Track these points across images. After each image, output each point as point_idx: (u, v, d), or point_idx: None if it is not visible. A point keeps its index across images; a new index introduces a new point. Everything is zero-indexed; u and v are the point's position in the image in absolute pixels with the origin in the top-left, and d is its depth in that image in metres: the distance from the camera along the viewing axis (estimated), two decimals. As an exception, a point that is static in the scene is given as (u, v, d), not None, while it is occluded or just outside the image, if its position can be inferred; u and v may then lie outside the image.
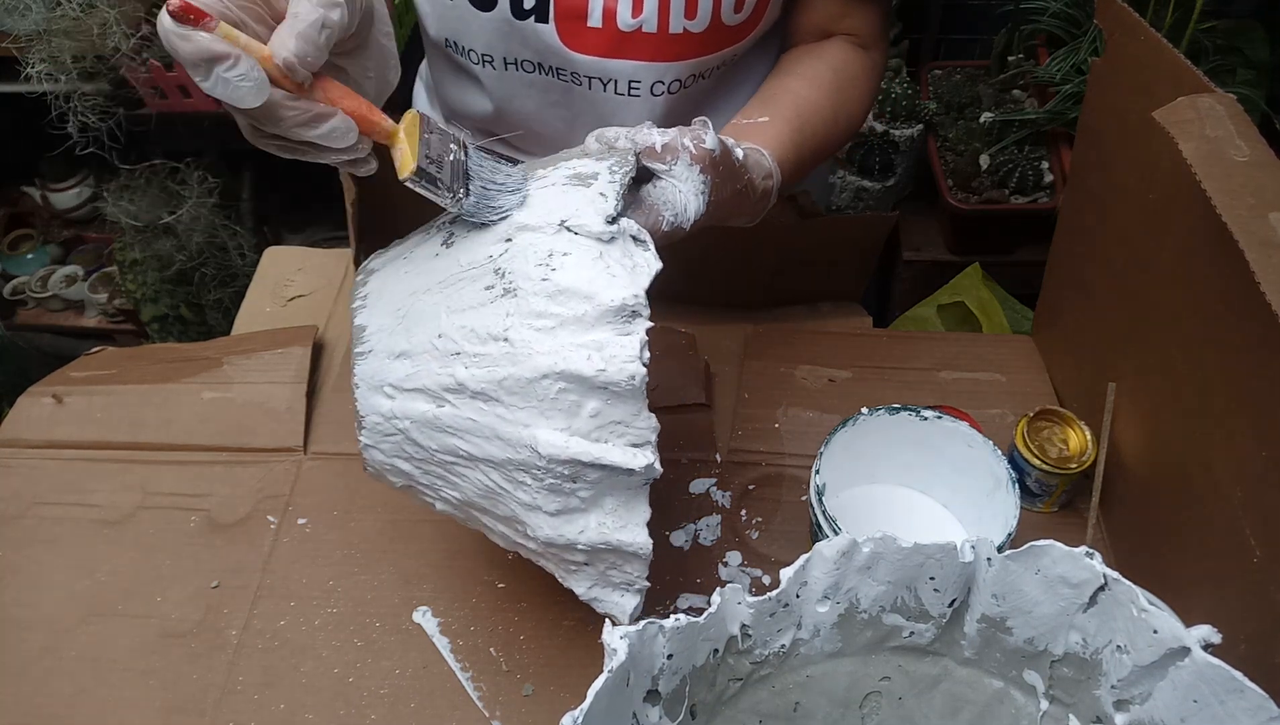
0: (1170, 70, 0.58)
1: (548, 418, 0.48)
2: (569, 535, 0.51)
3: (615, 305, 0.48)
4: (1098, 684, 0.46)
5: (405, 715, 0.64)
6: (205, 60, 0.42)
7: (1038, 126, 1.42)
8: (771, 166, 0.64)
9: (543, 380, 0.48)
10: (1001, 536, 0.61)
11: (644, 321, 0.48)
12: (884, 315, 1.51)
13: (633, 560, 0.52)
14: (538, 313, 0.48)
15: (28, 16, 1.34)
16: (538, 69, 0.74)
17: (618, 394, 0.48)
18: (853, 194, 1.57)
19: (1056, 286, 0.83)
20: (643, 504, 0.51)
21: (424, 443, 0.53)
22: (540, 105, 0.77)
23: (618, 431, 0.49)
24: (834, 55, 0.74)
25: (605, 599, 0.54)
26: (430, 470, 0.55)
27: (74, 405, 0.85)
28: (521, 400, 0.49)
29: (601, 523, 0.51)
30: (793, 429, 0.80)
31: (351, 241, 0.88)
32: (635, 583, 0.54)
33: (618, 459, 0.48)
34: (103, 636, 0.69)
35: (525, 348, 0.48)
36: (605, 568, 0.53)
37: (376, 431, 0.54)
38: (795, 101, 0.70)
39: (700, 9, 0.68)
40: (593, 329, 0.48)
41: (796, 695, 0.51)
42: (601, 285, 0.48)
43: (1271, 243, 0.47)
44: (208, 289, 1.66)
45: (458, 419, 0.51)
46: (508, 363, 0.48)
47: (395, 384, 0.52)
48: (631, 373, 0.47)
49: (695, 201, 0.55)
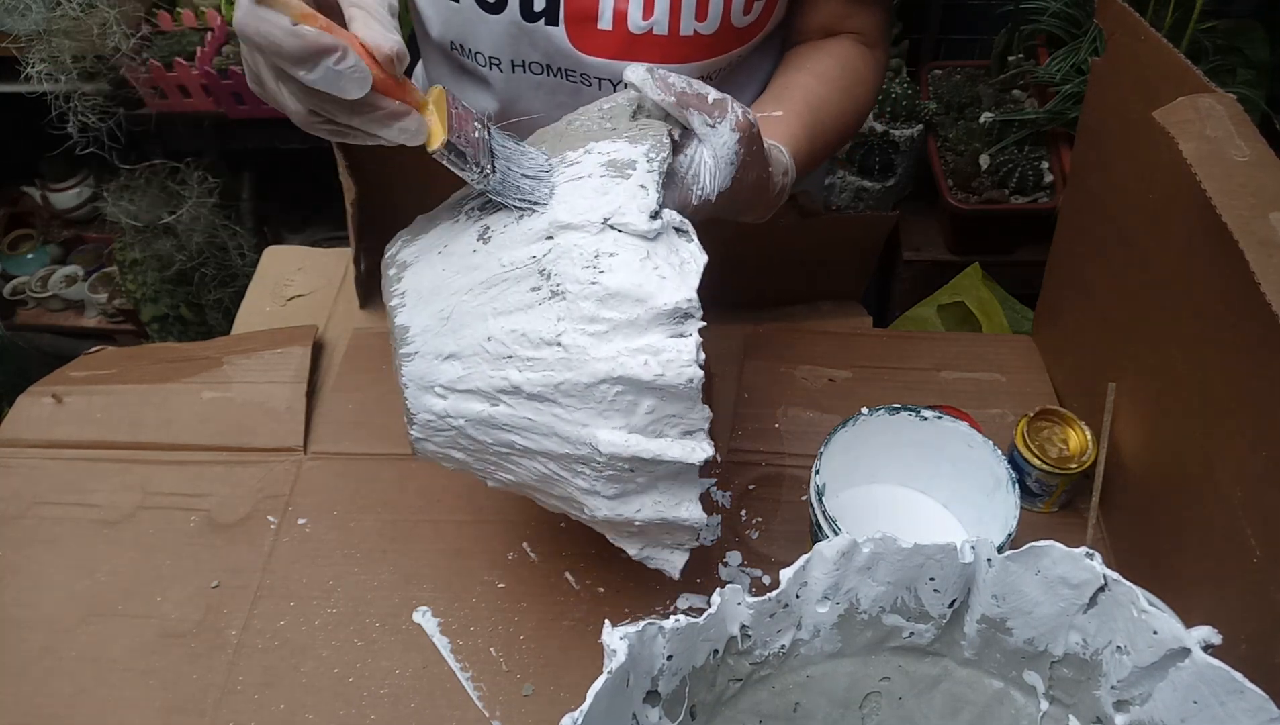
0: (1170, 70, 0.58)
1: (606, 418, 0.49)
2: (626, 514, 0.53)
3: (668, 308, 0.48)
4: (1098, 684, 0.46)
5: (405, 715, 0.64)
6: (314, 54, 0.41)
7: (1038, 126, 1.42)
8: (788, 164, 0.64)
9: (600, 385, 0.48)
10: (1001, 537, 0.61)
11: (696, 322, 0.49)
12: (884, 315, 1.51)
13: (684, 532, 0.54)
14: (589, 317, 0.48)
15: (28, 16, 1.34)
16: (546, 70, 0.74)
17: (674, 394, 0.49)
18: (853, 194, 1.57)
19: (1056, 286, 0.83)
20: (695, 482, 0.53)
21: (479, 438, 0.53)
22: (548, 105, 0.77)
23: (672, 423, 0.50)
24: (841, 52, 0.74)
25: (656, 557, 0.57)
26: (484, 459, 0.55)
27: (74, 405, 0.85)
28: (579, 402, 0.49)
29: (658, 502, 0.53)
30: (793, 429, 0.80)
31: (351, 241, 0.88)
32: (686, 543, 0.56)
33: (677, 454, 0.50)
34: (103, 636, 0.69)
35: (580, 354, 0.49)
36: (659, 533, 0.55)
37: (429, 427, 0.55)
38: (806, 96, 0.70)
39: (711, 11, 0.68)
40: (646, 333, 0.48)
41: (796, 696, 0.51)
42: (653, 288, 0.48)
43: (1271, 242, 0.47)
44: (208, 289, 1.66)
45: (514, 418, 0.51)
46: (563, 368, 0.49)
47: (446, 385, 0.53)
48: (690, 377, 0.48)
49: (725, 171, 0.54)
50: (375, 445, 0.80)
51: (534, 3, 0.68)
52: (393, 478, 0.77)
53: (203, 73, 1.47)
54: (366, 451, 0.79)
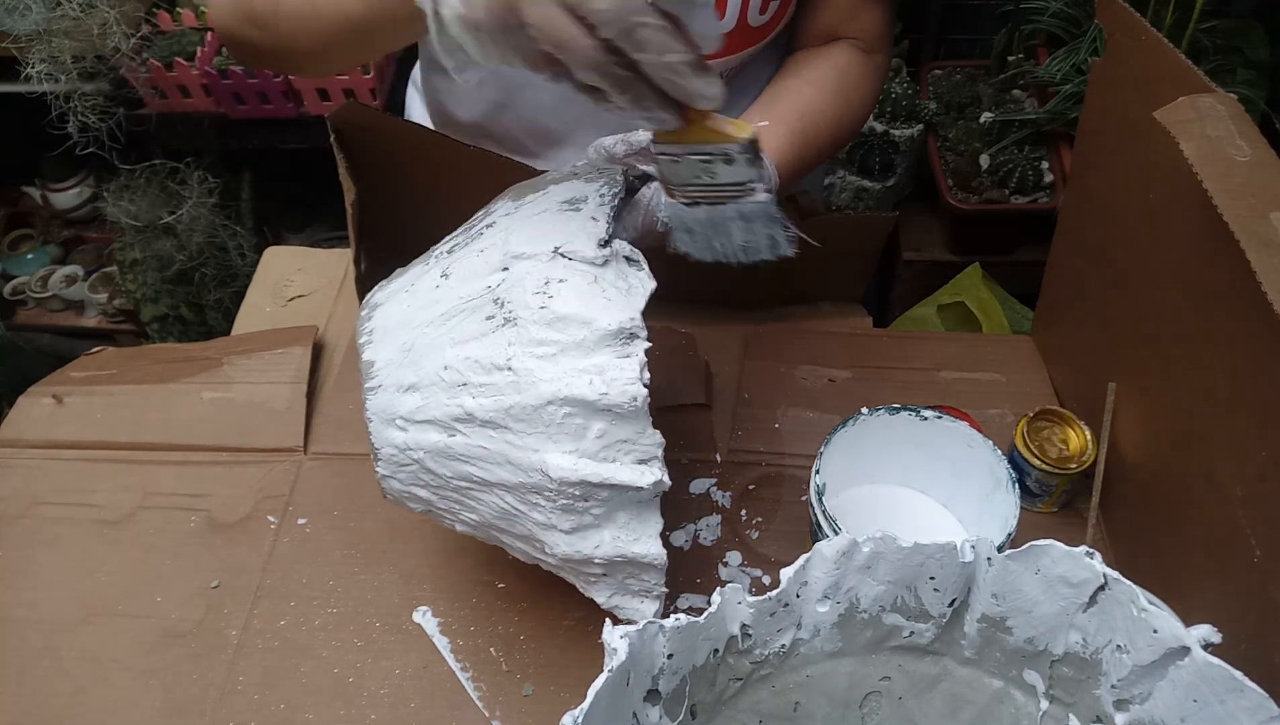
0: (1171, 70, 0.58)
1: (555, 442, 0.50)
2: (585, 551, 0.53)
3: (613, 329, 0.49)
4: (1098, 684, 0.46)
5: (405, 715, 0.64)
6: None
7: (1038, 126, 1.42)
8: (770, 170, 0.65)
9: (548, 406, 0.49)
10: (1001, 536, 0.61)
11: (642, 342, 0.49)
12: (884, 315, 1.51)
13: (649, 571, 0.54)
14: (538, 341, 0.50)
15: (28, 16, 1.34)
16: None
17: (621, 415, 0.49)
18: (853, 194, 1.57)
19: (1056, 286, 0.83)
20: (654, 516, 0.53)
21: (439, 471, 0.54)
22: (556, 100, 0.77)
23: (624, 449, 0.50)
24: (838, 58, 0.74)
25: (626, 606, 0.56)
26: (447, 496, 0.56)
27: (74, 405, 0.85)
28: (529, 426, 0.50)
29: (616, 537, 0.52)
30: (793, 429, 0.80)
31: (351, 241, 0.88)
32: (653, 589, 0.56)
33: (626, 478, 0.50)
34: (103, 636, 0.69)
35: (529, 376, 0.49)
36: (624, 577, 0.55)
37: (392, 462, 0.56)
38: (798, 104, 0.70)
39: (729, 10, 0.69)
40: (592, 353, 0.49)
41: (797, 695, 0.51)
42: (598, 310, 0.49)
43: (1272, 242, 0.47)
44: (208, 289, 1.66)
45: (469, 447, 0.52)
46: (513, 391, 0.50)
47: (406, 416, 0.54)
48: (633, 394, 0.49)
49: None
50: (375, 445, 0.80)
51: None
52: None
53: (203, 73, 1.47)
54: (367, 452, 0.78)
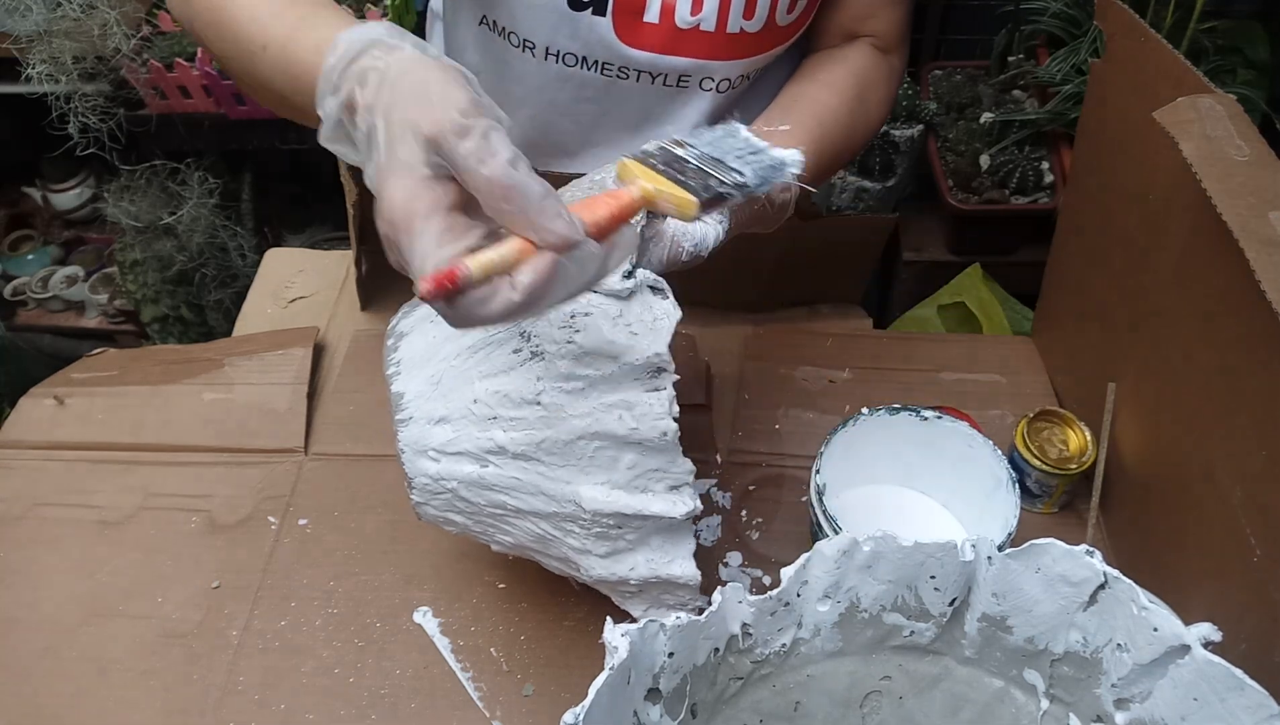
0: (1170, 71, 0.58)
1: (588, 474, 0.51)
2: (620, 573, 0.54)
3: (640, 363, 0.50)
4: (1098, 683, 0.46)
5: (406, 715, 0.64)
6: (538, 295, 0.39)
7: (1038, 127, 1.42)
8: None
9: (579, 441, 0.50)
10: (1001, 536, 0.61)
11: (669, 376, 0.50)
12: (884, 316, 1.51)
13: (683, 590, 0.55)
14: (566, 375, 0.50)
15: (28, 17, 1.34)
16: (581, 63, 0.73)
17: (652, 448, 0.50)
18: (853, 194, 1.57)
19: (1056, 287, 0.83)
20: (687, 538, 0.54)
21: (473, 499, 0.55)
22: (571, 99, 0.76)
23: (656, 477, 0.51)
24: (855, 60, 0.74)
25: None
26: (482, 521, 0.57)
27: (75, 407, 0.85)
28: (561, 459, 0.51)
29: (650, 559, 0.54)
30: (793, 430, 0.80)
31: (353, 243, 0.88)
32: (688, 603, 0.57)
33: (659, 509, 0.51)
34: (104, 637, 0.69)
35: (558, 411, 0.50)
36: (659, 593, 0.56)
37: (426, 491, 0.56)
38: (815, 109, 0.70)
39: (759, 9, 0.69)
40: (620, 388, 0.50)
41: (797, 694, 0.51)
42: (625, 345, 0.50)
43: (1271, 242, 0.47)
44: (208, 290, 1.66)
45: (502, 478, 0.53)
46: (543, 426, 0.51)
47: (439, 448, 0.54)
48: (663, 430, 0.49)
49: (714, 231, 0.54)
50: (376, 446, 0.80)
51: None
52: (393, 478, 0.77)
53: (203, 73, 1.47)
54: (367, 452, 0.79)
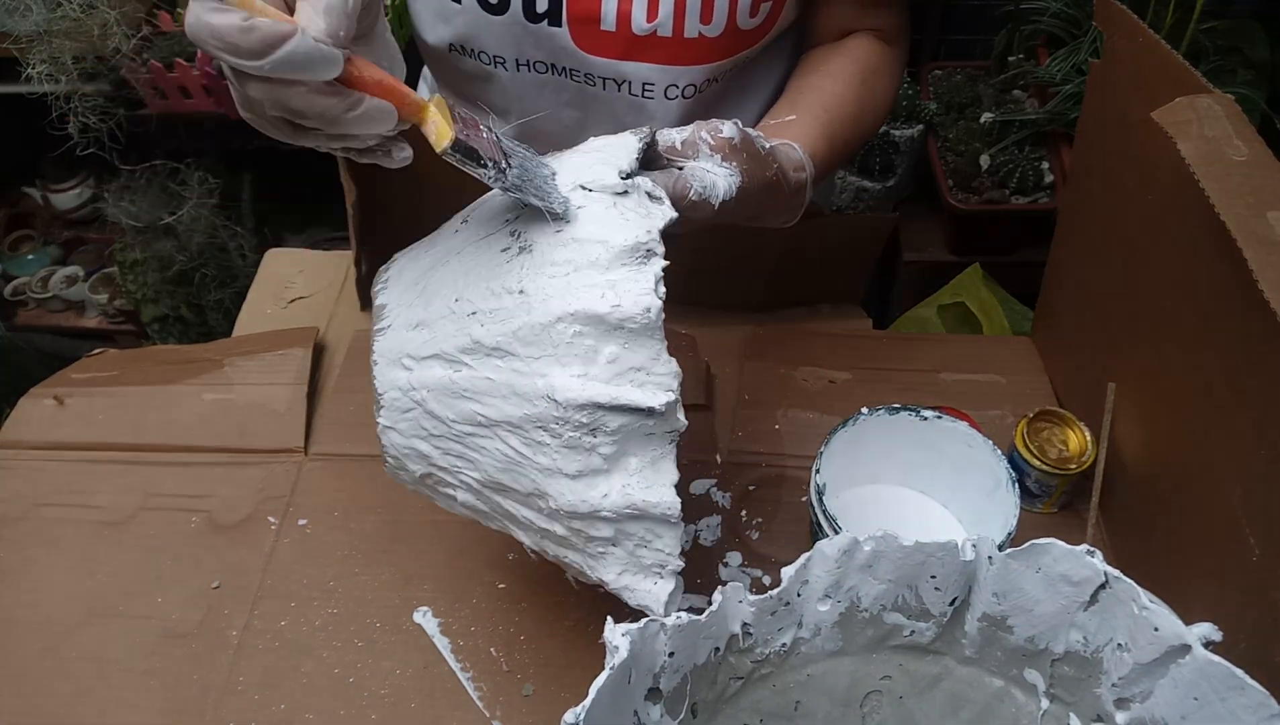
0: (1169, 71, 0.58)
1: (564, 365, 0.47)
2: (592, 500, 0.48)
3: (629, 245, 0.47)
4: (1098, 682, 0.46)
5: (406, 715, 0.64)
6: (271, 43, 0.39)
7: (1038, 127, 1.42)
8: (803, 158, 0.64)
9: (557, 324, 0.47)
10: (1001, 536, 0.61)
11: (659, 260, 0.47)
12: (884, 315, 1.51)
13: (662, 529, 0.49)
14: (552, 262, 0.48)
15: (28, 17, 1.34)
16: (551, 70, 0.74)
17: (634, 333, 0.46)
18: (853, 194, 1.57)
19: (1056, 287, 0.83)
20: (670, 464, 0.49)
21: (441, 413, 0.51)
22: (555, 104, 0.77)
23: (638, 379, 0.47)
24: (857, 49, 0.74)
25: (638, 588, 0.51)
26: (449, 448, 0.53)
27: (75, 407, 0.85)
28: (537, 349, 0.47)
29: (625, 484, 0.48)
30: (793, 430, 0.80)
31: (353, 243, 0.88)
32: (668, 563, 0.50)
33: (636, 398, 0.46)
34: (104, 637, 0.69)
35: (540, 294, 0.47)
36: (634, 545, 0.50)
37: (395, 408, 0.53)
38: (821, 98, 0.70)
39: (716, 14, 0.68)
40: (608, 271, 0.47)
41: (797, 694, 0.51)
42: (614, 229, 0.47)
43: (1270, 241, 0.47)
44: (208, 290, 1.66)
45: (475, 381, 0.50)
46: (523, 312, 0.47)
47: (412, 353, 0.52)
48: (646, 305, 0.46)
49: (724, 183, 0.55)
50: (376, 446, 0.79)
51: (536, 4, 0.69)
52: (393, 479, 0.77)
53: (203, 73, 1.47)
54: (367, 452, 0.79)
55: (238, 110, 0.44)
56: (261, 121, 0.44)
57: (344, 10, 0.41)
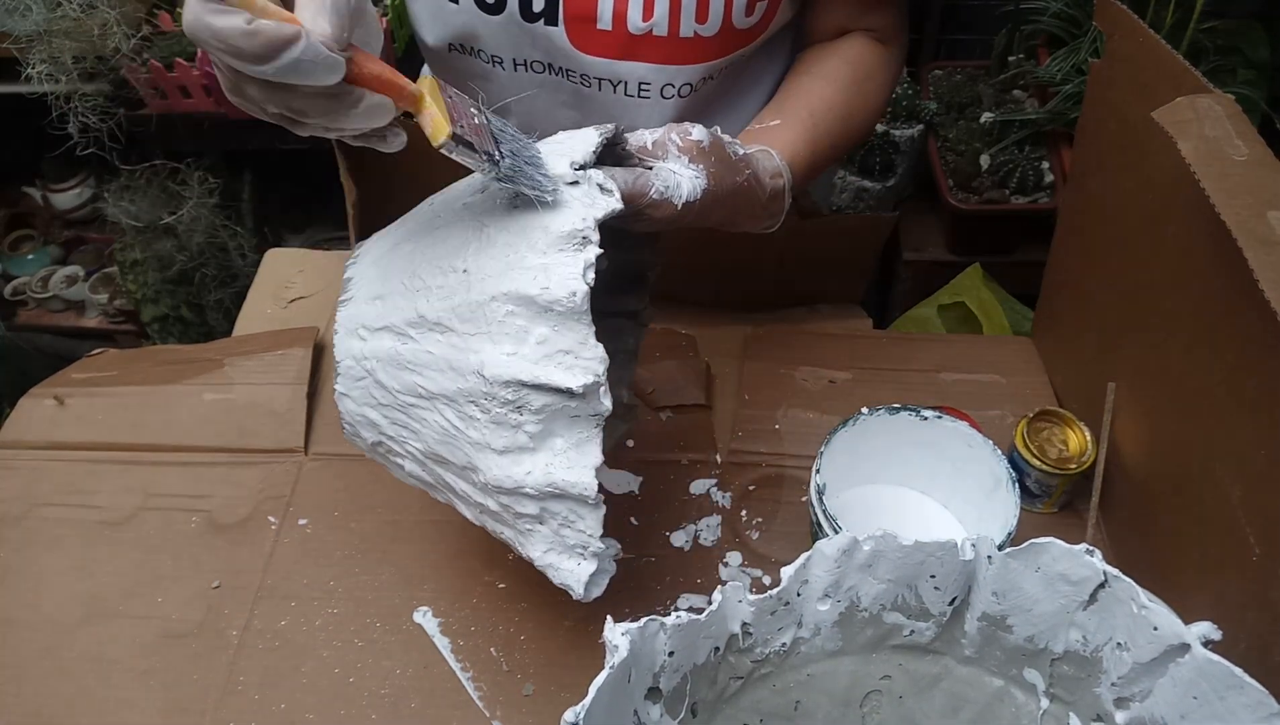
0: (1169, 71, 0.58)
1: (495, 342, 0.49)
2: (516, 476, 0.50)
3: (566, 231, 0.49)
4: (1098, 681, 0.46)
5: (406, 715, 0.64)
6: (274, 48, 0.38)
7: (1038, 127, 1.42)
8: (780, 165, 0.64)
9: (491, 303, 0.49)
10: (1001, 536, 0.61)
11: (594, 247, 0.49)
12: (884, 315, 1.51)
13: (584, 510, 0.51)
14: (494, 242, 0.50)
15: (28, 17, 1.34)
16: (548, 69, 0.74)
17: (562, 316, 0.48)
18: (853, 194, 1.57)
19: (1056, 287, 0.83)
20: (594, 447, 0.50)
21: (389, 383, 0.54)
22: (551, 105, 0.77)
23: (565, 362, 0.49)
24: (850, 51, 0.74)
25: (560, 566, 0.53)
26: (395, 418, 0.55)
27: (76, 407, 0.85)
28: (472, 326, 0.50)
29: (549, 463, 0.50)
30: (793, 430, 0.80)
31: (352, 242, 0.88)
32: (589, 544, 0.52)
33: (559, 379, 0.48)
34: (104, 637, 0.69)
35: (479, 274, 0.50)
36: (558, 524, 0.52)
37: (349, 376, 0.56)
38: (809, 101, 0.70)
39: (711, 13, 0.68)
40: (544, 255, 0.49)
41: (797, 694, 0.51)
42: (556, 215, 0.49)
43: (1270, 241, 0.47)
44: (208, 289, 1.66)
45: (417, 353, 0.52)
46: (462, 290, 0.50)
47: (367, 324, 0.54)
48: (572, 289, 0.47)
49: (689, 184, 0.56)
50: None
51: (533, 3, 0.69)
52: (393, 478, 0.77)
53: (203, 73, 1.47)
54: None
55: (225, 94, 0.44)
56: (253, 110, 0.44)
57: (347, 10, 0.41)
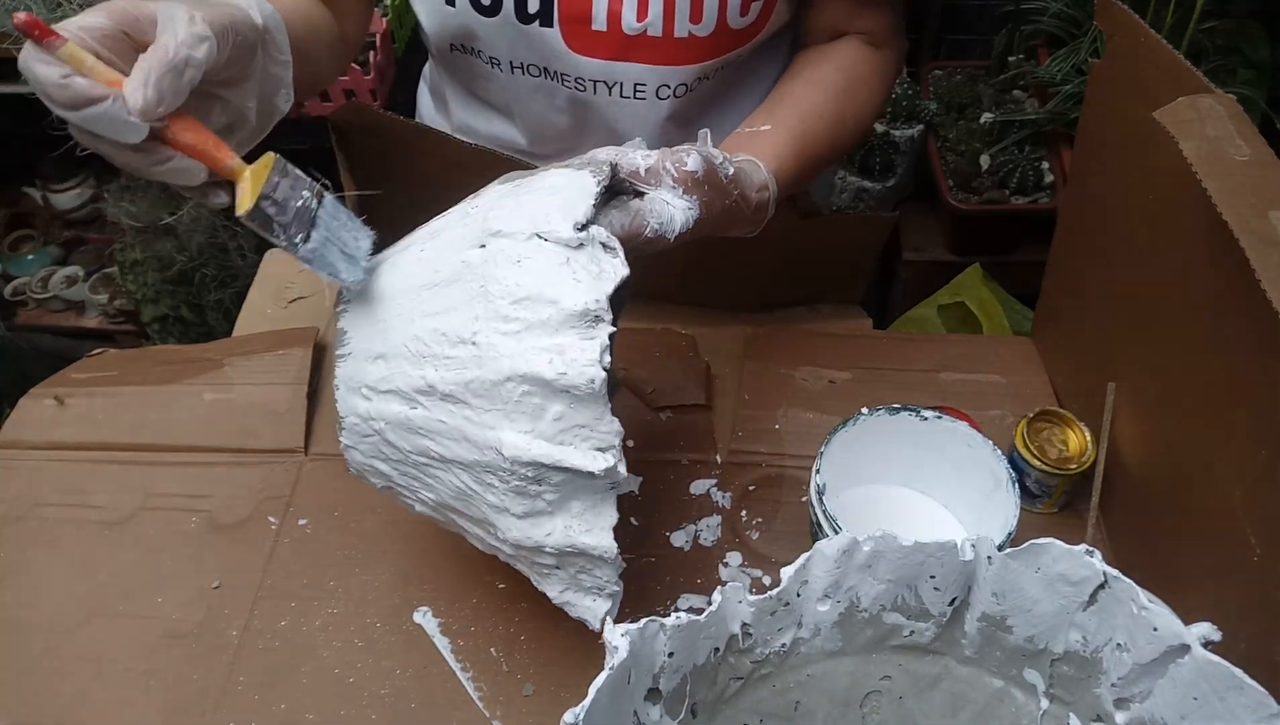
0: (1170, 71, 0.58)
1: (512, 420, 0.49)
2: (536, 538, 0.52)
3: (578, 310, 0.49)
4: (1098, 682, 0.46)
5: (406, 715, 0.64)
6: (80, 103, 0.44)
7: (1038, 127, 1.42)
8: (766, 178, 0.64)
9: (506, 383, 0.49)
10: (1001, 536, 0.61)
11: (606, 326, 0.49)
12: (884, 315, 1.51)
13: (600, 564, 0.53)
14: (504, 317, 0.49)
15: (28, 18, 1.34)
16: (543, 73, 0.74)
17: (579, 398, 0.49)
18: (853, 194, 1.57)
19: (1056, 287, 0.83)
20: (609, 509, 0.52)
21: (399, 444, 0.54)
22: (547, 109, 0.77)
23: (581, 435, 0.50)
24: (843, 56, 0.74)
25: (577, 603, 0.55)
26: (406, 472, 0.56)
27: (76, 407, 0.85)
28: (488, 403, 0.50)
29: (568, 526, 0.52)
30: (793, 430, 0.80)
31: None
32: (606, 587, 0.54)
33: (579, 462, 0.49)
34: (104, 637, 0.69)
35: (491, 351, 0.49)
36: (575, 571, 0.54)
37: (355, 432, 0.56)
38: (798, 107, 0.70)
39: (706, 13, 0.68)
40: (556, 333, 0.49)
41: (797, 694, 0.51)
42: (565, 291, 0.49)
43: (1272, 241, 0.47)
44: (208, 290, 1.66)
45: (429, 421, 0.52)
46: (474, 366, 0.50)
47: (371, 386, 0.54)
48: (591, 377, 0.48)
49: (681, 217, 0.56)
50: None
51: (528, 4, 0.69)
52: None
53: (203, 74, 1.47)
54: (367, 452, 0.79)
55: None
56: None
57: (174, 88, 0.45)
